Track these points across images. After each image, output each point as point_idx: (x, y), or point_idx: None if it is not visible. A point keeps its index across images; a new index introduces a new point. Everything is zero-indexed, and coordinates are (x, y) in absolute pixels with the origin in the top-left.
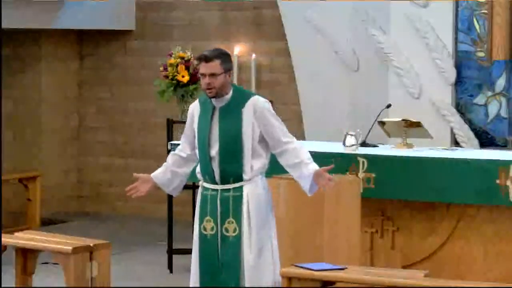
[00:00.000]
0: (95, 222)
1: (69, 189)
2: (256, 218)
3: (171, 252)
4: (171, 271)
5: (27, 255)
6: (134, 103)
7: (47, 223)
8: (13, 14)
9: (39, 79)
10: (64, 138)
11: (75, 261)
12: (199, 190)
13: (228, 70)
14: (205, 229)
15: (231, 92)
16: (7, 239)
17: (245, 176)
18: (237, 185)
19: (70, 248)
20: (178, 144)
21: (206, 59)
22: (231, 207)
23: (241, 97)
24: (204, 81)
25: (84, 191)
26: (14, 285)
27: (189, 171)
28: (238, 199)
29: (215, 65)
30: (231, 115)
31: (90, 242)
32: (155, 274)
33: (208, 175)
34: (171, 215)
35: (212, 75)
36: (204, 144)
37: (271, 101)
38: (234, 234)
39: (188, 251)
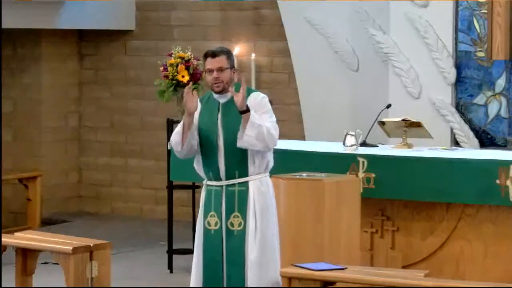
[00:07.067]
0: (95, 222)
1: (69, 189)
2: (262, 216)
3: (171, 252)
4: (171, 271)
5: (27, 255)
6: (134, 103)
7: (47, 223)
8: (13, 14)
9: (39, 79)
10: (64, 138)
11: (75, 261)
12: (203, 189)
13: (232, 66)
14: (209, 224)
15: (233, 89)
16: (7, 239)
17: (250, 171)
18: (242, 180)
19: (70, 248)
20: None
21: (212, 54)
22: (237, 201)
23: None
24: (211, 76)
25: (84, 191)
26: (14, 285)
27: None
28: (244, 194)
29: (222, 60)
30: (234, 110)
31: (90, 242)
32: (155, 274)
33: (213, 172)
34: (171, 215)
35: (220, 69)
36: (210, 140)
37: (270, 102)
38: (239, 229)
39: (188, 251)
